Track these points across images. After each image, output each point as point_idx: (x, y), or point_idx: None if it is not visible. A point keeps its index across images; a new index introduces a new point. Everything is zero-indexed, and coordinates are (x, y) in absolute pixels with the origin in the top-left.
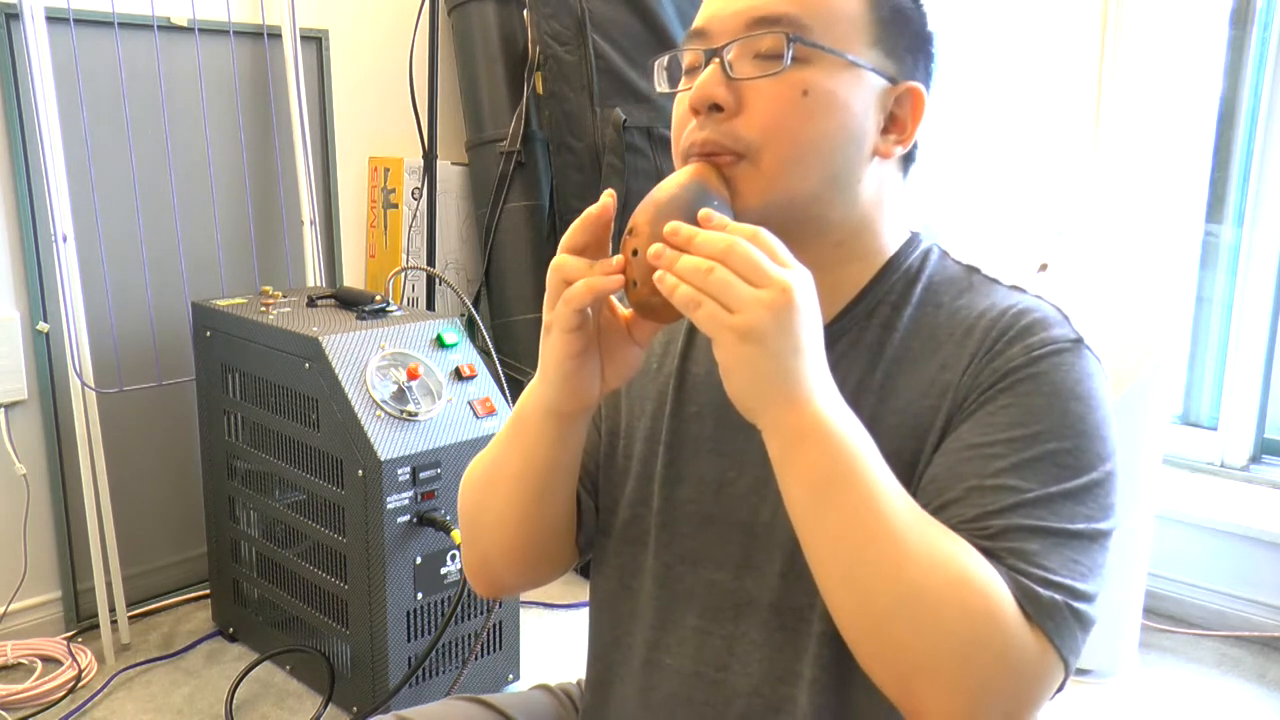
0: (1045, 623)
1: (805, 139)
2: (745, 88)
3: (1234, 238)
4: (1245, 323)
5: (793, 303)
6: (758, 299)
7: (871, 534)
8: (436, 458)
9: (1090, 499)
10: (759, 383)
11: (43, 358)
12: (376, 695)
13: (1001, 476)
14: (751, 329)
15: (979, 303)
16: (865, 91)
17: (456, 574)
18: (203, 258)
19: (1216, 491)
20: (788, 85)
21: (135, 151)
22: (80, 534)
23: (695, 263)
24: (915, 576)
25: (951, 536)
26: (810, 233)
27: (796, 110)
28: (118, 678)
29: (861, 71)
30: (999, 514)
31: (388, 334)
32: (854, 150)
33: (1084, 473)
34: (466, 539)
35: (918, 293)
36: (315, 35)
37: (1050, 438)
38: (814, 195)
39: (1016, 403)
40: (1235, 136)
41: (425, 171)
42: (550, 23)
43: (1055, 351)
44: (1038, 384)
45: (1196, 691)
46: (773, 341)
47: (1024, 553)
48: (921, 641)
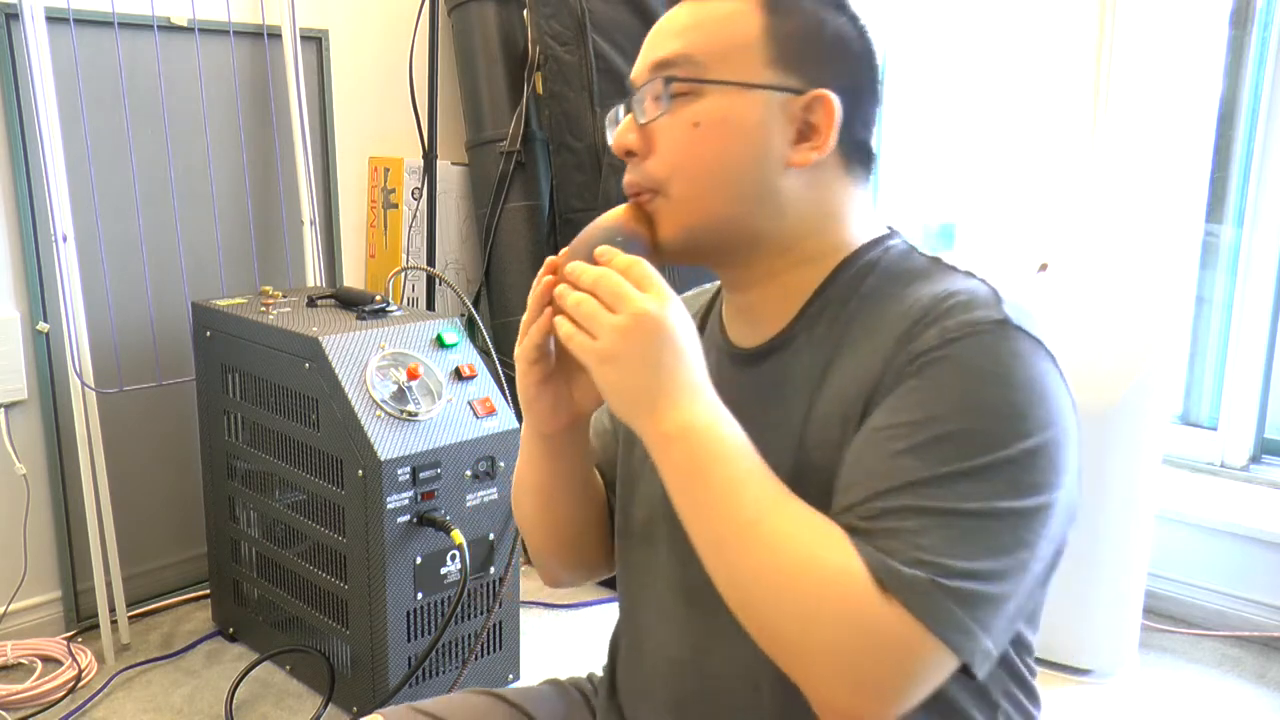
0: (905, 598)
1: (703, 167)
2: (652, 129)
3: (1234, 238)
4: (1245, 323)
5: (644, 326)
6: (613, 325)
7: (726, 524)
8: (436, 458)
9: (996, 477)
10: (624, 399)
11: (43, 358)
12: (376, 695)
13: (897, 458)
14: (607, 353)
15: (921, 289)
16: (762, 110)
17: (456, 574)
18: (203, 258)
19: (1216, 491)
20: (681, 121)
21: (135, 151)
22: (80, 534)
23: (575, 297)
24: (763, 558)
25: (811, 520)
26: (745, 248)
27: (691, 142)
28: (118, 678)
29: (756, 92)
30: (885, 495)
31: (388, 334)
32: (760, 166)
33: (989, 451)
34: (524, 537)
35: (869, 284)
36: (315, 35)
37: (953, 419)
38: (729, 215)
39: (924, 385)
40: (1235, 136)
41: (425, 171)
42: (550, 23)
43: (971, 333)
44: (946, 366)
45: (1196, 691)
46: (628, 362)
47: (898, 532)
48: (778, 621)
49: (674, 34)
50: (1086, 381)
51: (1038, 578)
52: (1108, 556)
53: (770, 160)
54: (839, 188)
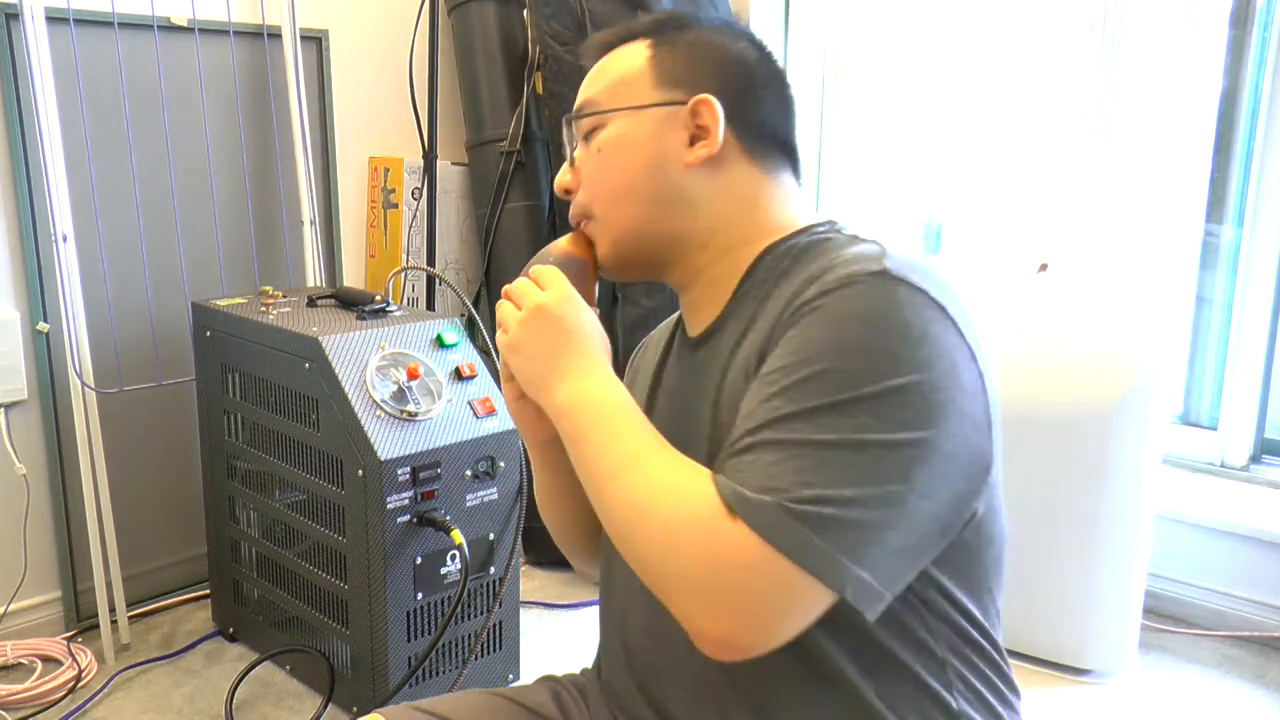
0: (750, 519)
1: (611, 184)
2: (578, 167)
3: (1234, 238)
4: (1245, 323)
5: (538, 315)
6: (516, 318)
7: (602, 473)
8: (436, 458)
9: (860, 411)
10: (527, 381)
11: (43, 358)
12: (376, 695)
13: (768, 401)
14: (512, 343)
15: (821, 260)
16: (653, 124)
17: (456, 574)
18: (203, 258)
19: (1216, 491)
20: (589, 152)
21: (135, 151)
22: (80, 534)
23: (501, 303)
24: (629, 497)
25: (676, 463)
26: (671, 249)
27: (599, 166)
28: (118, 678)
29: (646, 111)
30: (752, 433)
31: (388, 334)
32: (661, 173)
33: (856, 388)
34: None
35: (785, 265)
36: (315, 35)
37: (821, 359)
38: (645, 222)
39: (798, 334)
40: (1235, 136)
41: (425, 171)
42: (550, 23)
43: (845, 284)
44: (820, 314)
45: (1196, 691)
46: (526, 348)
47: (753, 465)
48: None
49: (584, 87)
50: (1086, 381)
51: (934, 520)
52: (1108, 556)
53: (669, 165)
54: (748, 179)
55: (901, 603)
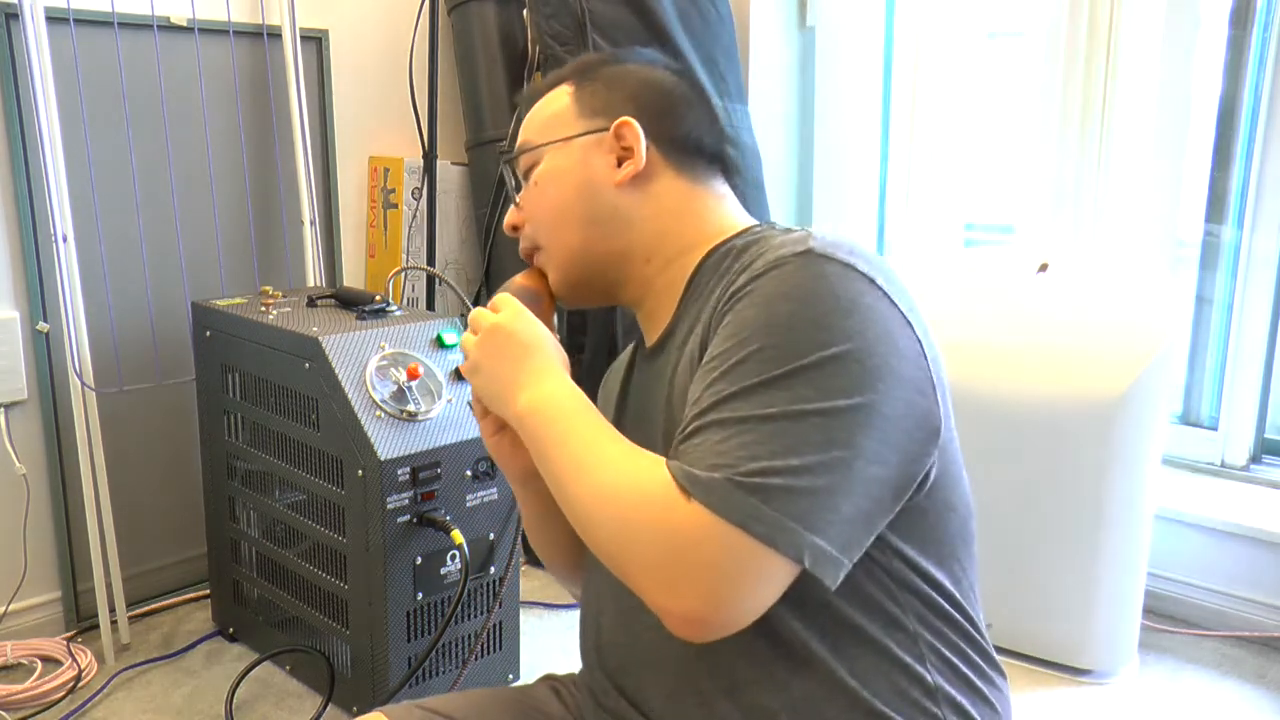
0: (702, 497)
1: (550, 212)
2: (522, 204)
3: (1234, 238)
4: (1245, 323)
5: (494, 336)
6: (474, 342)
7: (563, 468)
8: (436, 458)
9: (796, 383)
10: (490, 399)
11: (43, 358)
12: (376, 695)
13: (712, 385)
14: (472, 365)
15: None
16: (581, 152)
17: (456, 574)
18: (203, 258)
19: (1216, 491)
20: (529, 188)
21: (135, 151)
22: (80, 534)
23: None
24: (582, 491)
25: (629, 455)
26: (617, 268)
27: (538, 199)
28: (118, 678)
29: (571, 142)
30: (698, 417)
31: (388, 334)
32: (593, 196)
33: (789, 362)
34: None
35: (726, 264)
36: (315, 35)
37: (755, 339)
38: (586, 244)
39: (733, 319)
40: (1235, 136)
41: (425, 171)
42: (550, 23)
43: (773, 266)
44: (751, 298)
45: (1196, 691)
46: (486, 366)
47: (701, 446)
48: (604, 541)
49: (520, 133)
50: (1086, 381)
51: (885, 484)
52: (1108, 556)
53: (600, 187)
54: (677, 191)
55: (866, 575)
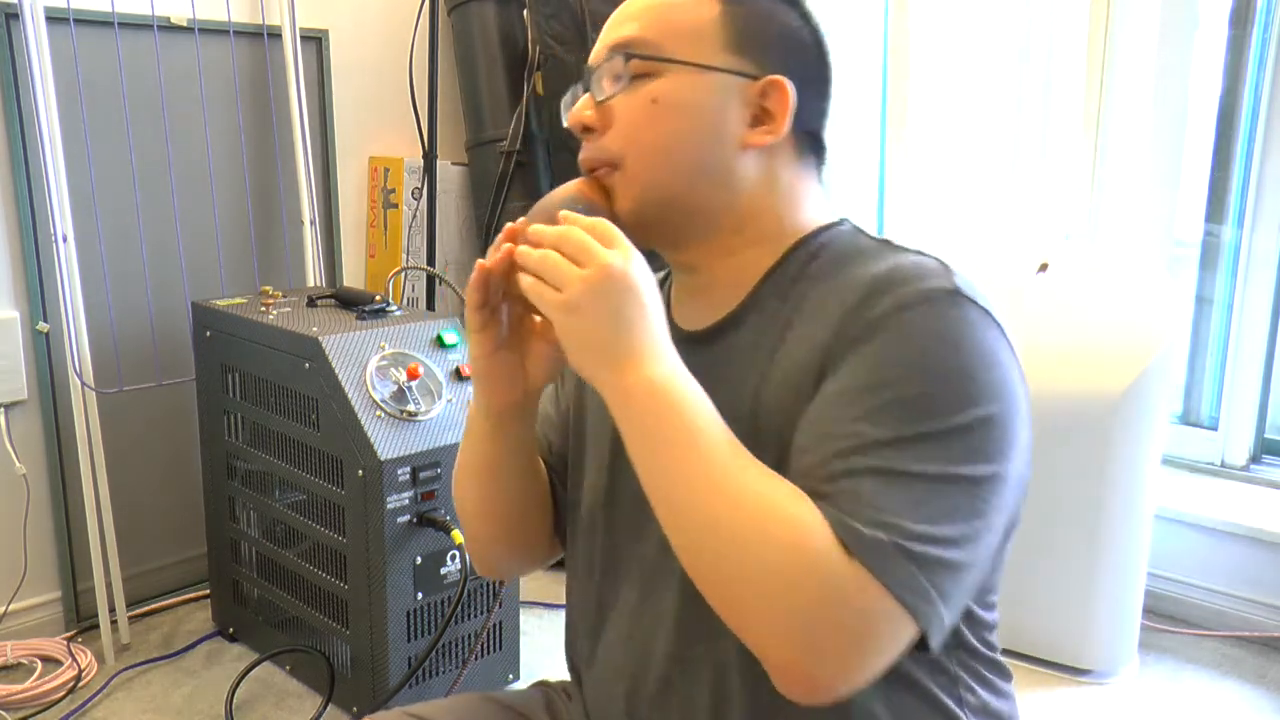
0: (867, 560)
1: (659, 142)
2: (609, 107)
3: (1234, 238)
4: (1245, 323)
5: (610, 277)
6: (579, 276)
7: (686, 479)
8: (436, 458)
9: (953, 441)
10: (586, 350)
11: (43, 358)
12: (376, 695)
13: (853, 423)
14: (571, 303)
15: (870, 267)
16: (719, 92)
17: (456, 574)
18: (203, 258)
19: (1216, 491)
20: (639, 97)
21: (135, 151)
22: (80, 534)
23: (539, 253)
24: (721, 513)
25: (774, 483)
26: (700, 225)
27: (647, 118)
28: (118, 678)
29: (713, 74)
30: (841, 457)
31: (388, 334)
32: (715, 145)
33: (944, 416)
34: (461, 525)
35: (816, 266)
36: (315, 35)
37: (906, 383)
38: (683, 190)
39: (877, 349)
40: (1235, 136)
41: (425, 171)
42: (550, 23)
43: (921, 300)
44: (898, 332)
45: (1196, 691)
46: (592, 313)
47: (856, 493)
48: (736, 580)
49: (632, 17)
50: (1086, 381)
51: (991, 551)
52: (1108, 556)
53: (725, 140)
54: (792, 172)
55: None
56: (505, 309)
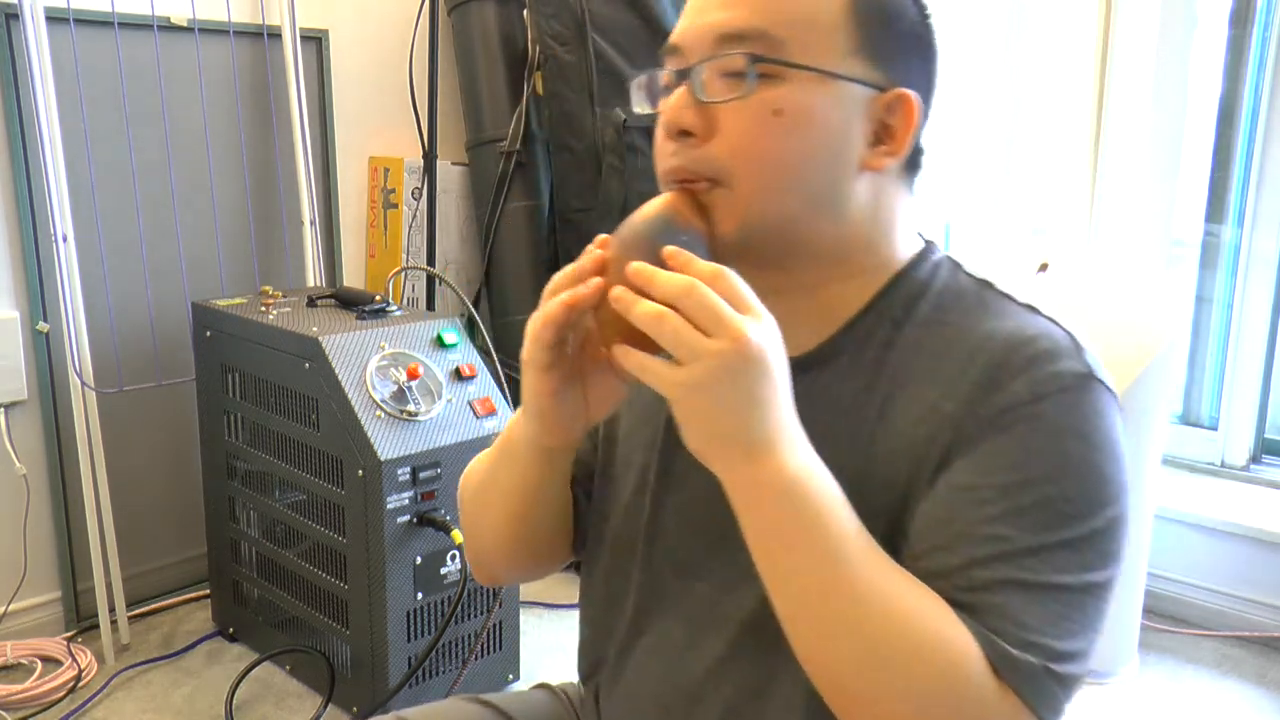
0: (1021, 687)
1: (779, 160)
2: (716, 110)
3: (1234, 238)
4: (1245, 323)
5: (747, 353)
6: (709, 350)
7: (830, 591)
8: (436, 458)
9: (1088, 547)
10: (713, 437)
11: (43, 358)
12: (376, 695)
13: (992, 524)
14: (701, 382)
15: (987, 324)
16: (846, 104)
17: (456, 574)
18: (203, 258)
19: (1216, 491)
20: (758, 105)
21: (135, 151)
22: (80, 534)
23: (649, 310)
24: (873, 633)
25: (918, 591)
26: (798, 254)
27: (768, 131)
28: (118, 678)
29: (841, 83)
30: (984, 565)
31: (388, 334)
32: (836, 167)
33: (1082, 520)
34: (466, 535)
35: (922, 309)
36: (315, 35)
37: (1046, 482)
38: (794, 217)
39: (1014, 444)
40: (1235, 136)
41: (425, 171)
42: (550, 23)
43: (1060, 388)
44: (1038, 424)
45: (1196, 691)
46: (725, 395)
47: (1004, 609)
48: (882, 700)
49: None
50: None
51: None
52: None
53: (846, 161)
54: (897, 197)
55: None
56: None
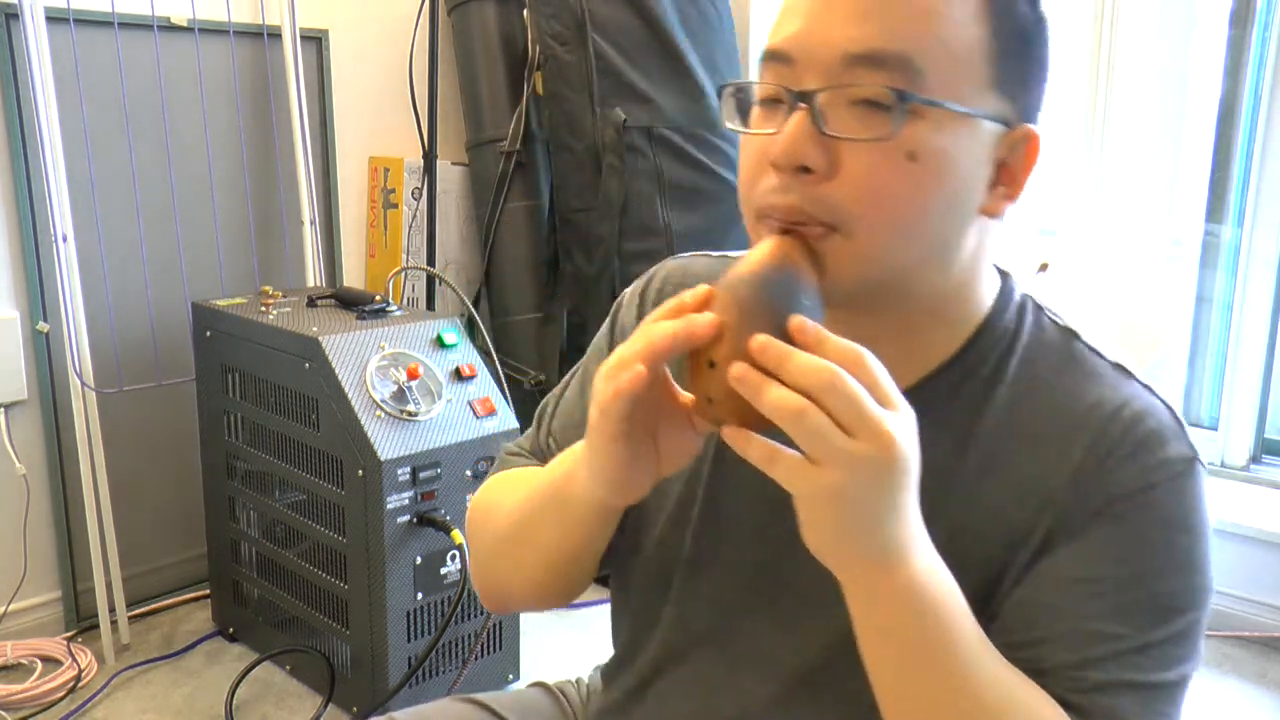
0: None
1: (909, 210)
2: (839, 145)
3: (1234, 238)
4: (1245, 323)
5: (892, 458)
6: (852, 453)
7: (943, 685)
8: (436, 458)
9: (1187, 641)
10: (842, 543)
11: (43, 358)
12: (376, 695)
13: (1102, 620)
14: (840, 489)
15: (1084, 390)
16: (977, 145)
17: (456, 574)
18: (203, 258)
19: (1216, 491)
20: (894, 148)
21: (135, 152)
22: (80, 534)
23: (785, 403)
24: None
25: (1032, 695)
26: (896, 302)
27: (900, 177)
28: (118, 678)
29: (976, 121)
30: (1097, 665)
31: (388, 334)
32: (959, 215)
33: (1184, 614)
34: (481, 567)
35: (1013, 366)
36: (315, 35)
37: (1156, 577)
38: (910, 267)
39: (1125, 536)
40: (1235, 136)
41: (425, 171)
42: (550, 23)
43: (1171, 476)
44: (1149, 515)
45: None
46: (864, 503)
47: (1114, 712)
48: None
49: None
50: None
51: None
52: None
53: (970, 208)
54: (993, 239)
55: None
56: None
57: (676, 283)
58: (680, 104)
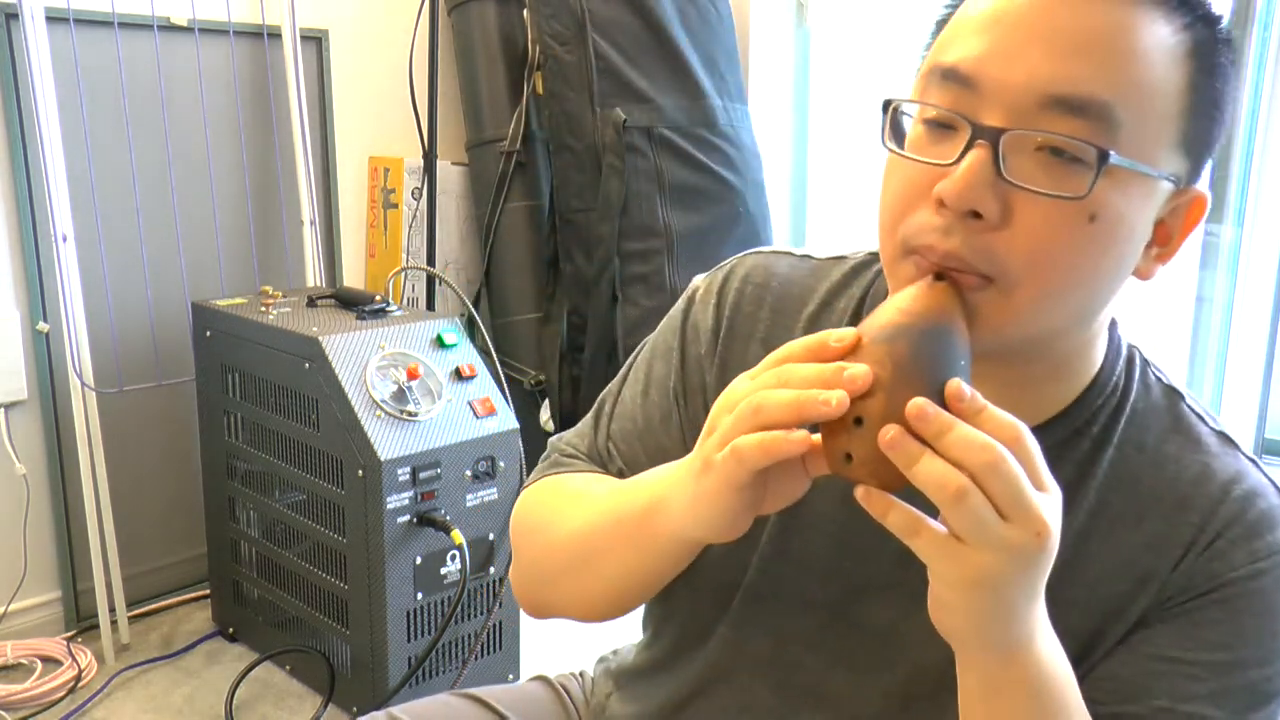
0: None
1: (1078, 275)
2: (1017, 192)
3: (1234, 238)
4: (1245, 323)
5: (1045, 548)
6: (1007, 541)
7: None
8: (436, 458)
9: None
10: (977, 627)
11: (43, 358)
12: (376, 695)
13: (1196, 703)
14: (986, 574)
15: (1191, 460)
16: (1151, 207)
17: (456, 574)
18: (203, 258)
19: None
20: (1075, 204)
21: (135, 151)
22: (80, 534)
23: (944, 479)
24: None
25: None
26: (1025, 356)
27: (1078, 239)
28: (118, 678)
29: (1157, 182)
30: None
31: (388, 334)
32: (1121, 279)
33: (1270, 687)
34: (531, 575)
35: (1120, 429)
36: (315, 35)
37: (1255, 664)
38: (1057, 328)
39: (1227, 620)
40: (1235, 136)
41: (425, 171)
42: (550, 23)
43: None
44: (1254, 601)
45: None
46: (1006, 590)
47: None
48: None
49: (1092, 52)
50: None
51: None
52: None
53: (1129, 270)
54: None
55: None
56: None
57: (758, 282)
58: (680, 104)
